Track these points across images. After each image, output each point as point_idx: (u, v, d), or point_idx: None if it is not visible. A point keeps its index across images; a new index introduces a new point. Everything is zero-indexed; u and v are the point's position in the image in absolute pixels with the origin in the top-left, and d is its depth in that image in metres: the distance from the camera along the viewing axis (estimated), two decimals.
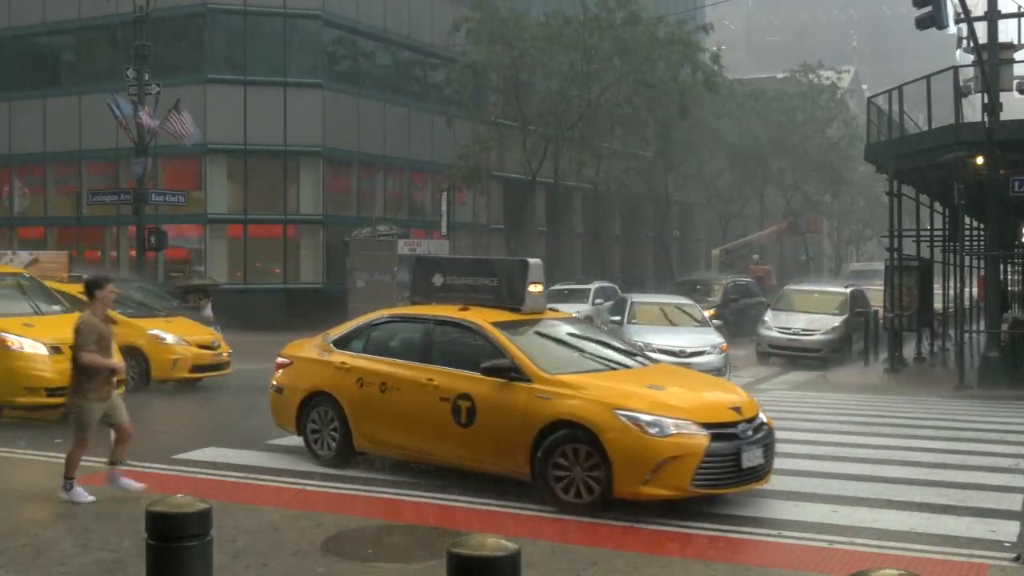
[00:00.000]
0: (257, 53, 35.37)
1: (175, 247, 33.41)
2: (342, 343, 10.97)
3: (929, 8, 18.49)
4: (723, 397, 9.67)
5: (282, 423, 11.34)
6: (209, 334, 18.08)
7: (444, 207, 35.88)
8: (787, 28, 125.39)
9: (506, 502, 9.18)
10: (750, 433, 8.97)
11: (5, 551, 7.47)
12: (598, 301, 30.00)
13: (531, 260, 10.78)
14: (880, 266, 31.37)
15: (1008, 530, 8.44)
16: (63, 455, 11.01)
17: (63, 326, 14.31)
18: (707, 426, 8.70)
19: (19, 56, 38.61)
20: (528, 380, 9.26)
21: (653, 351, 16.22)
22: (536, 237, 44.54)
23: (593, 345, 10.67)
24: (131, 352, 15.18)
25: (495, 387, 9.38)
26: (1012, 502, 9.42)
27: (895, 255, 24.07)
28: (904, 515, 8.92)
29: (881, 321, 25.71)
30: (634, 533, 8.24)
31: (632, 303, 21.69)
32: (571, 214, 47.83)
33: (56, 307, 14.95)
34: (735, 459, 8.74)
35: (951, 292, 25.38)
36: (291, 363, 11.33)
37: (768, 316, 25.61)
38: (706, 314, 22.03)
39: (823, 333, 24.45)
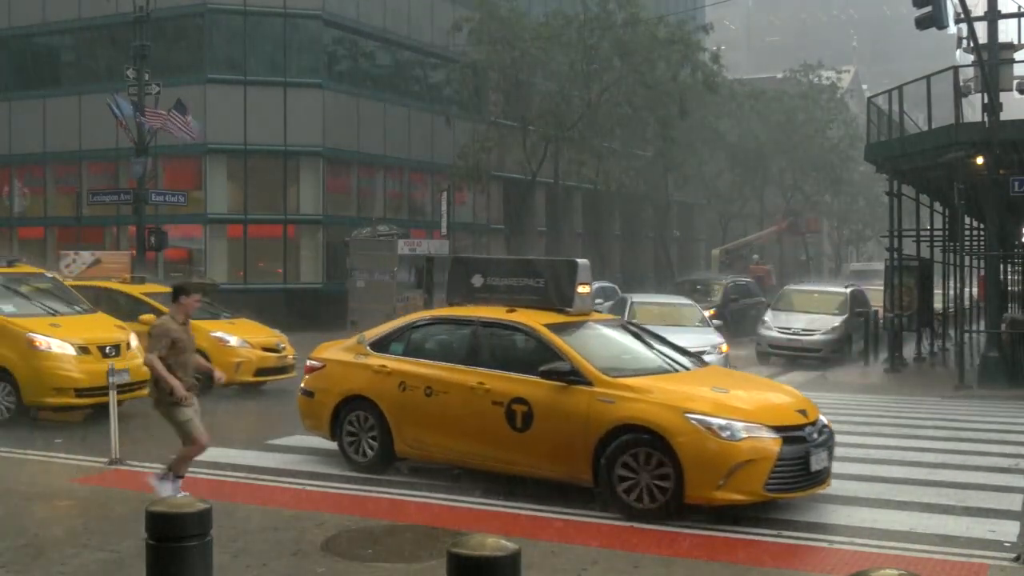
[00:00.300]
0: (257, 53, 35.37)
1: (175, 247, 33.40)
2: (380, 346, 10.66)
3: (929, 8, 18.49)
4: (787, 400, 9.54)
5: (313, 427, 11.03)
6: (274, 336, 17.63)
7: (444, 207, 35.89)
8: (787, 28, 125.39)
9: (506, 502, 9.18)
10: (815, 436, 8.89)
11: (5, 551, 7.47)
12: (598, 301, 29.94)
13: (580, 261, 10.60)
14: (880, 266, 31.36)
15: (1008, 530, 8.44)
16: (63, 455, 11.08)
17: (89, 326, 14.37)
18: (777, 429, 8.61)
19: (19, 56, 38.61)
20: (589, 383, 9.06)
21: None
22: (536, 237, 44.53)
23: (643, 346, 10.50)
24: None
25: (553, 391, 9.18)
26: (1012, 502, 9.42)
27: (895, 255, 24.06)
28: (904, 515, 8.92)
29: (881, 321, 25.71)
30: (634, 533, 8.23)
31: (632, 303, 21.71)
32: (571, 214, 47.83)
33: (79, 307, 14.94)
34: (804, 462, 8.66)
35: (951, 292, 25.38)
36: (323, 366, 10.99)
37: (768, 316, 25.61)
38: (706, 314, 22.02)
39: (823, 333, 24.45)
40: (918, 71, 25.42)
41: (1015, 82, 23.23)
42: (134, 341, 14.12)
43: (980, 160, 19.93)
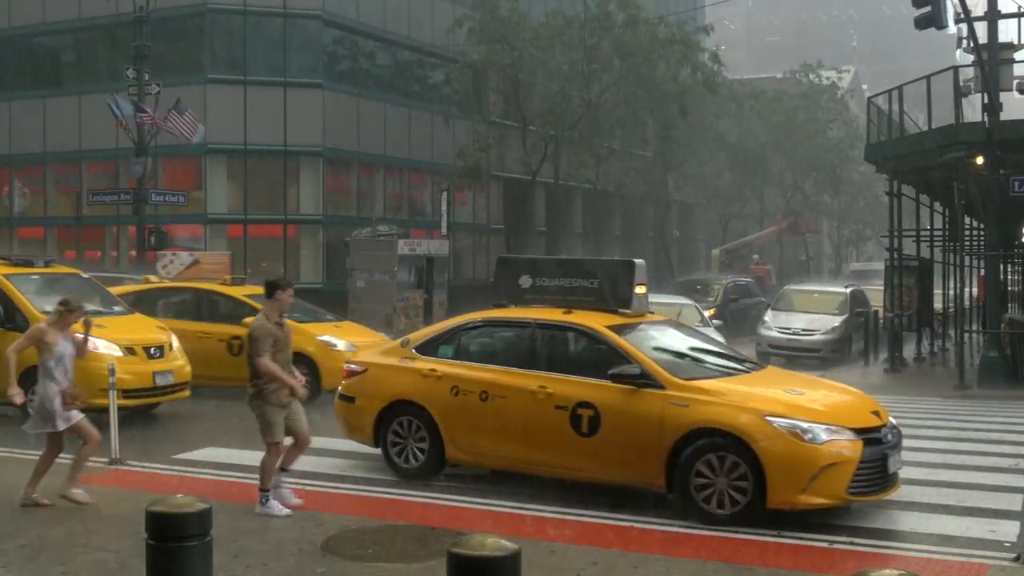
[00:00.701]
0: (257, 53, 35.39)
1: (175, 247, 33.39)
2: (427, 349, 10.35)
3: (928, 8, 18.49)
4: (860, 401, 9.44)
5: (353, 434, 10.71)
6: (381, 339, 17.17)
7: (444, 207, 35.89)
8: (787, 28, 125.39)
9: (506, 502, 9.18)
10: (890, 437, 8.83)
11: (5, 551, 7.48)
12: None
13: (636, 260, 10.43)
14: (880, 266, 31.35)
15: (1008, 530, 8.44)
16: (64, 455, 11.02)
17: (133, 327, 14.31)
18: (858, 431, 8.53)
19: (19, 56, 38.62)
20: (660, 386, 8.87)
21: None
22: (536, 237, 44.54)
23: (701, 347, 10.35)
24: (299, 360, 14.19)
25: (622, 394, 8.96)
26: (1012, 502, 9.41)
27: (895, 255, 24.06)
28: (904, 515, 8.92)
29: (881, 321, 25.70)
30: (634, 533, 8.23)
31: None
32: (571, 214, 47.85)
33: (117, 308, 14.85)
34: (882, 464, 8.61)
35: (951, 292, 25.37)
36: (365, 370, 10.64)
37: (768, 316, 25.61)
38: (706, 314, 22.01)
39: (823, 333, 24.45)
40: (918, 71, 25.42)
41: (1015, 82, 23.24)
42: (175, 342, 14.07)
43: (980, 160, 19.92)
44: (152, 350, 13.82)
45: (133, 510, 8.35)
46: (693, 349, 10.24)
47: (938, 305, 26.18)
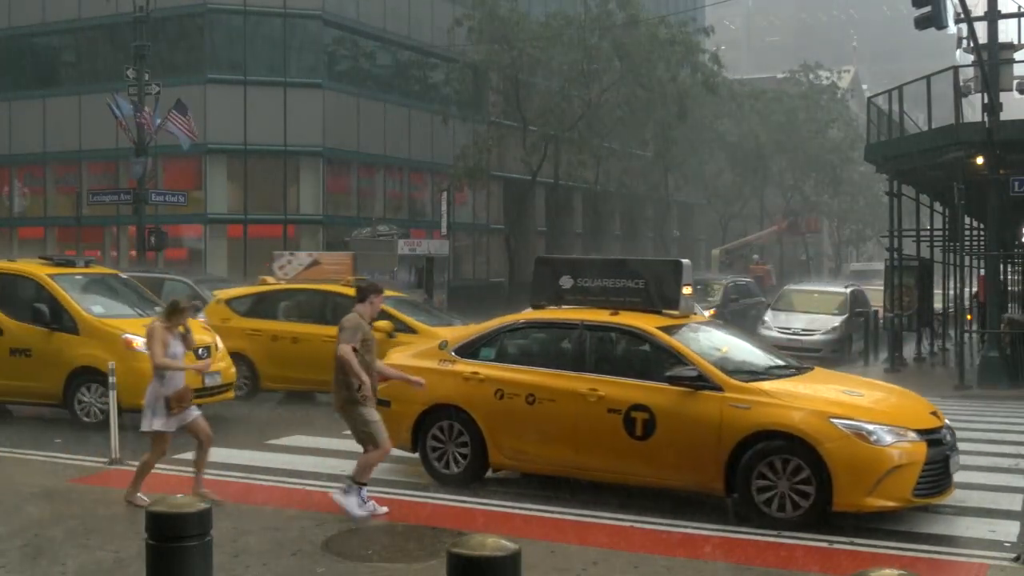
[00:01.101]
0: (257, 53, 35.38)
1: (175, 247, 33.42)
2: (468, 351, 10.06)
3: (928, 8, 18.48)
4: (918, 402, 9.37)
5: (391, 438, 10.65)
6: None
7: (444, 207, 35.91)
8: (787, 28, 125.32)
9: (505, 502, 9.18)
10: (949, 438, 8.76)
11: (5, 551, 7.47)
12: None
13: (683, 261, 10.26)
14: (880, 266, 31.36)
15: (1008, 530, 8.44)
16: (63, 455, 11.07)
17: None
18: (921, 432, 8.46)
19: (19, 56, 38.63)
20: (718, 388, 8.71)
21: None
22: (536, 237, 44.54)
23: (748, 348, 10.22)
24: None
25: (678, 396, 8.80)
26: (1012, 502, 9.41)
27: (895, 255, 24.06)
28: (904, 515, 8.91)
29: (881, 321, 25.70)
30: (634, 533, 8.23)
31: None
32: (571, 214, 47.85)
33: (158, 309, 14.72)
34: (944, 465, 8.54)
35: (951, 292, 25.38)
36: None
37: (768, 316, 25.61)
38: (706, 314, 22.01)
39: (823, 333, 24.45)
40: (918, 71, 25.41)
41: (1015, 82, 23.22)
42: (219, 343, 13.96)
43: (980, 160, 19.92)
44: (200, 351, 13.60)
45: (133, 510, 8.38)
46: (741, 350, 10.09)
47: (938, 305, 26.19)
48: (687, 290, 10.05)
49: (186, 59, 35.12)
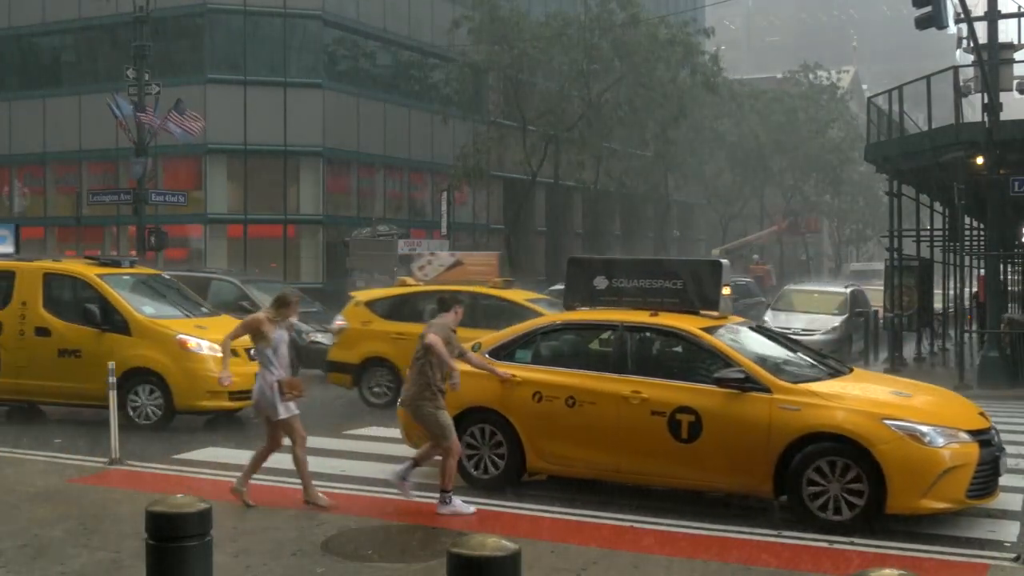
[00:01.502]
0: (257, 53, 35.40)
1: (175, 247, 33.42)
2: (502, 353, 9.89)
3: (928, 8, 18.48)
4: (964, 403, 9.30)
5: (420, 443, 9.96)
6: None
7: (444, 207, 35.94)
8: (787, 28, 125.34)
9: (505, 502, 9.18)
10: (997, 439, 8.72)
11: (5, 551, 7.47)
12: None
13: (723, 261, 10.18)
14: (880, 266, 31.35)
15: (1008, 530, 8.44)
16: (63, 455, 11.06)
17: (228, 328, 14.12)
18: (971, 433, 8.39)
19: (19, 56, 38.65)
20: (766, 390, 8.59)
21: None
22: (536, 237, 44.56)
23: (788, 349, 10.08)
24: None
25: (725, 398, 8.67)
26: (1012, 502, 9.40)
27: (895, 255, 24.05)
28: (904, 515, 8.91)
29: (881, 321, 25.69)
30: (634, 533, 8.23)
31: None
32: (571, 214, 47.86)
33: (204, 309, 14.60)
34: (995, 466, 8.49)
35: (951, 292, 25.37)
36: None
37: (768, 316, 25.57)
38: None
39: (823, 333, 24.41)
40: (918, 71, 25.41)
41: (1015, 82, 23.21)
42: None
43: (980, 160, 19.91)
44: (250, 351, 13.65)
45: (133, 510, 8.35)
46: (781, 351, 9.94)
47: (938, 305, 26.17)
48: (726, 290, 9.95)
49: (186, 59, 35.13)
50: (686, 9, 53.03)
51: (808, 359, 9.93)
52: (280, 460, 11.09)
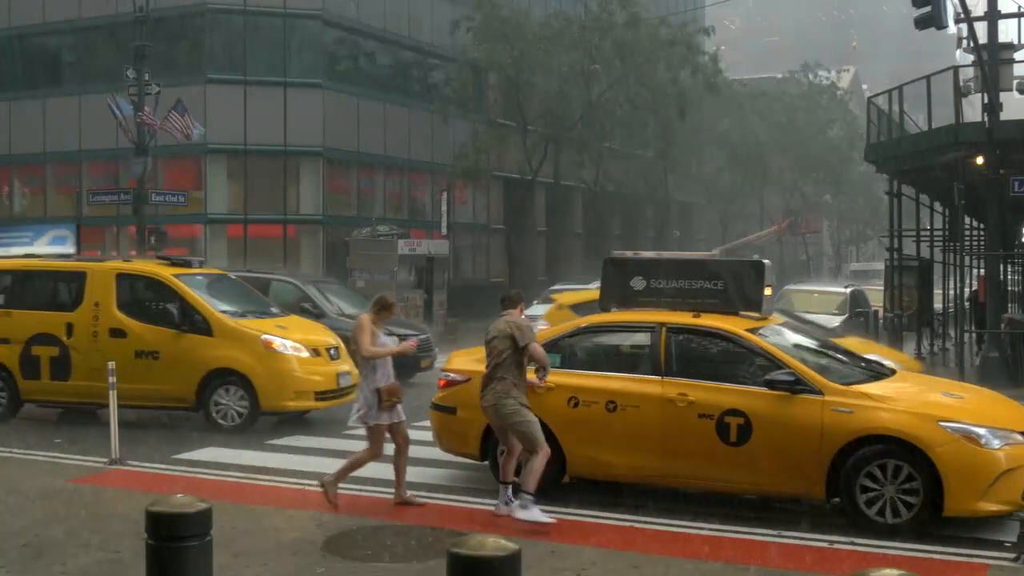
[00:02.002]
0: (257, 53, 35.38)
1: (175, 247, 33.40)
2: None
3: (928, 8, 18.48)
4: (1012, 404, 9.25)
5: (455, 447, 10.07)
6: None
7: (444, 207, 35.94)
8: (787, 28, 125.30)
9: None
10: None
11: (5, 551, 7.48)
12: None
13: (764, 261, 10.08)
14: (880, 266, 31.36)
15: (1008, 530, 8.44)
16: (63, 455, 11.06)
17: (306, 328, 13.92)
18: None
19: (19, 56, 38.61)
20: (818, 392, 8.51)
21: None
22: (536, 237, 44.55)
23: (831, 350, 9.98)
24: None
25: (775, 401, 8.57)
26: None
27: (895, 255, 24.06)
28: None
29: (881, 321, 25.69)
30: (634, 533, 8.23)
31: None
32: (571, 214, 47.84)
33: (274, 310, 14.45)
34: None
35: (951, 292, 25.37)
36: (468, 380, 9.65)
37: None
38: None
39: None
40: (918, 71, 25.41)
41: (1015, 82, 23.20)
42: (341, 344, 13.76)
43: (980, 160, 19.91)
44: (332, 351, 13.48)
45: (133, 510, 8.36)
46: (825, 352, 9.85)
47: (938, 305, 26.17)
48: (768, 291, 9.84)
49: (186, 59, 35.10)
50: (686, 9, 53.00)
51: (852, 360, 9.82)
52: (280, 460, 11.11)
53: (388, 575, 7.12)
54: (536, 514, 8.25)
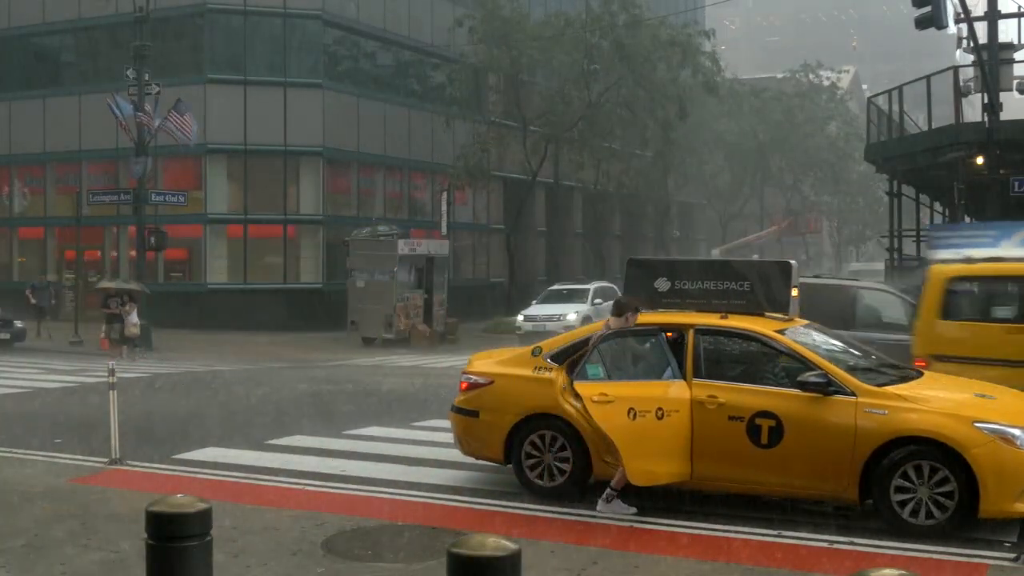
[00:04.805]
0: (257, 53, 35.39)
1: (175, 247, 33.41)
2: (563, 358, 9.49)
3: (928, 8, 18.50)
4: None
5: (477, 450, 9.88)
6: None
7: (444, 207, 35.95)
8: (787, 28, 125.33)
9: (505, 502, 9.18)
10: None
11: (5, 551, 7.47)
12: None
13: (791, 262, 9.94)
14: (880, 266, 31.36)
15: (1008, 530, 8.44)
16: (63, 455, 11.06)
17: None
18: None
19: (19, 56, 38.62)
20: (850, 393, 8.39)
21: None
22: (536, 237, 44.55)
23: (859, 351, 9.85)
24: None
25: (806, 402, 8.44)
26: None
27: (895, 255, 24.08)
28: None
29: None
30: (634, 533, 8.23)
31: None
32: (571, 214, 47.85)
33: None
34: None
35: None
36: (491, 382, 9.63)
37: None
38: None
39: None
40: (918, 71, 25.43)
41: (1015, 82, 23.24)
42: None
43: (980, 160, 19.94)
44: None
45: (133, 510, 8.36)
46: (854, 353, 9.68)
47: None
48: (795, 292, 9.73)
49: (186, 59, 35.11)
50: (686, 9, 53.01)
51: (879, 361, 9.74)
52: (280, 461, 11.10)
53: (388, 575, 7.12)
54: (616, 507, 8.62)
